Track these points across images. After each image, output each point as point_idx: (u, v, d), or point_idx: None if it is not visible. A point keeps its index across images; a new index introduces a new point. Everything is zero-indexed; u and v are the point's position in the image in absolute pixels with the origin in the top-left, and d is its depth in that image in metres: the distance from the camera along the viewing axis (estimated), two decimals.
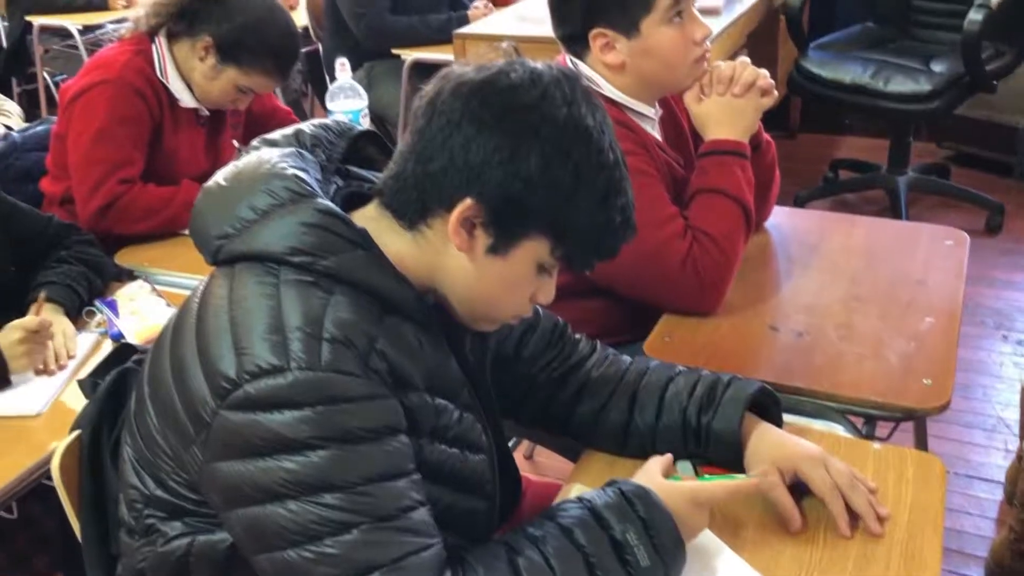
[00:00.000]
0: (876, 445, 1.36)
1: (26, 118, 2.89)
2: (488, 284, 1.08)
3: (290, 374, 0.94)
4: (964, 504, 2.43)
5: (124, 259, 2.08)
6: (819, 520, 1.21)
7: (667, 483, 1.14)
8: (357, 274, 1.01)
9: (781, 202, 2.04)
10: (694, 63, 1.71)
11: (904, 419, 1.56)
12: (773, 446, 1.25)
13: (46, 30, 4.75)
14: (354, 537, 0.94)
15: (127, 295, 1.89)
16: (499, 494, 1.20)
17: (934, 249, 1.91)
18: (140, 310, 1.84)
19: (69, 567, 1.70)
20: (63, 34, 4.67)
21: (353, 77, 2.48)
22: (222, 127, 2.35)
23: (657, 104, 1.80)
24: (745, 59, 1.75)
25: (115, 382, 1.21)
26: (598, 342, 1.41)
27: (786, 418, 1.34)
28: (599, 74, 1.71)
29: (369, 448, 0.96)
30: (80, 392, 1.25)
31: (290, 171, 1.05)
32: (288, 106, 2.69)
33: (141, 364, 1.15)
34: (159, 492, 1.06)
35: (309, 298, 0.98)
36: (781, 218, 2.06)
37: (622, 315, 1.78)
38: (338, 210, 1.03)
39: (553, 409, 1.37)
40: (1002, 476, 2.48)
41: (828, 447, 1.27)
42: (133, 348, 1.29)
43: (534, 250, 1.06)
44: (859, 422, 1.52)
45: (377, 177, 1.14)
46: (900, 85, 3.62)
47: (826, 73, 3.79)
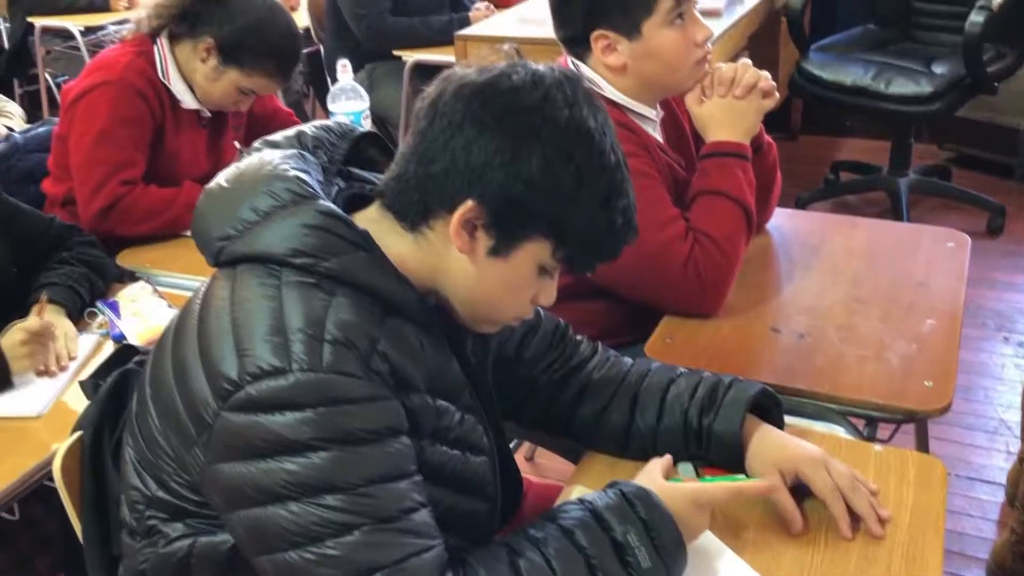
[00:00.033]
0: (877, 447, 1.36)
1: (27, 119, 2.89)
2: (489, 286, 1.08)
3: (292, 375, 0.94)
4: (965, 506, 2.43)
5: (126, 260, 2.08)
6: (820, 522, 1.21)
7: (668, 484, 1.14)
8: (359, 275, 1.01)
9: (782, 204, 2.04)
10: (695, 65, 1.71)
11: (905, 421, 1.55)
12: (774, 448, 1.25)
13: (48, 31, 4.75)
14: (355, 538, 0.94)
15: (129, 296, 1.89)
16: (500, 496, 1.20)
17: (935, 251, 1.91)
18: (142, 311, 1.84)
19: (71, 568, 1.69)
20: (65, 35, 4.67)
21: (354, 78, 2.48)
22: (224, 128, 2.35)
23: (658, 106, 1.80)
24: (747, 61, 1.75)
25: (116, 383, 1.21)
26: (599, 344, 1.41)
27: (787, 420, 1.34)
28: (600, 76, 1.71)
29: (370, 449, 0.96)
30: (81, 393, 1.25)
31: (292, 173, 1.05)
32: (289, 107, 2.69)
33: (143, 365, 1.16)
34: (161, 493, 1.06)
35: (311, 300, 0.98)
36: (782, 220, 2.06)
37: (623, 317, 1.78)
38: (340, 212, 1.04)
39: (554, 411, 1.36)
40: (1003, 478, 2.47)
41: (829, 449, 1.27)
42: (135, 349, 1.29)
43: (535, 252, 1.06)
44: (860, 424, 1.52)
45: (379, 179, 1.14)
46: (901, 87, 3.62)
47: (827, 75, 3.79)
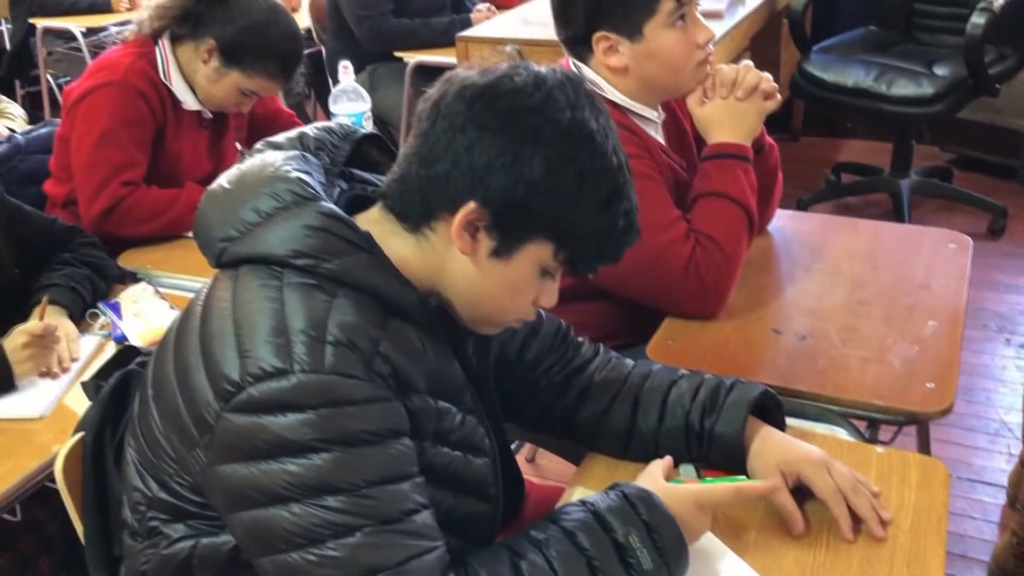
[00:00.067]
0: (879, 449, 1.36)
1: (29, 120, 2.89)
2: (491, 287, 1.08)
3: (293, 377, 0.94)
4: (967, 508, 2.43)
5: (127, 261, 2.08)
6: (822, 524, 1.21)
7: (669, 486, 1.14)
8: (360, 277, 1.01)
9: (783, 205, 2.04)
10: (697, 66, 1.71)
11: (907, 423, 1.55)
12: (776, 449, 1.25)
13: (49, 32, 4.75)
14: (357, 540, 0.94)
15: (130, 297, 1.89)
16: (502, 497, 1.19)
17: (937, 253, 1.91)
18: (143, 312, 1.84)
19: (72, 569, 1.69)
20: (66, 36, 4.68)
21: (356, 80, 2.48)
22: (225, 130, 2.35)
23: (660, 107, 1.80)
24: (748, 63, 1.75)
25: (118, 385, 1.21)
26: (601, 345, 1.41)
27: (789, 422, 1.34)
28: (602, 77, 1.71)
29: (372, 451, 0.96)
30: (83, 394, 1.25)
31: (294, 174, 1.05)
32: (291, 109, 2.69)
33: (144, 367, 1.16)
34: (162, 494, 1.06)
35: (312, 301, 0.99)
36: (784, 221, 2.06)
37: (625, 318, 1.78)
38: (341, 213, 1.04)
39: (556, 412, 1.36)
40: (1005, 480, 2.47)
41: (831, 450, 1.27)
42: (136, 350, 1.29)
43: (537, 254, 1.06)
44: (862, 426, 1.52)
45: (380, 180, 1.14)
46: (903, 88, 3.62)
47: (828, 76, 3.78)
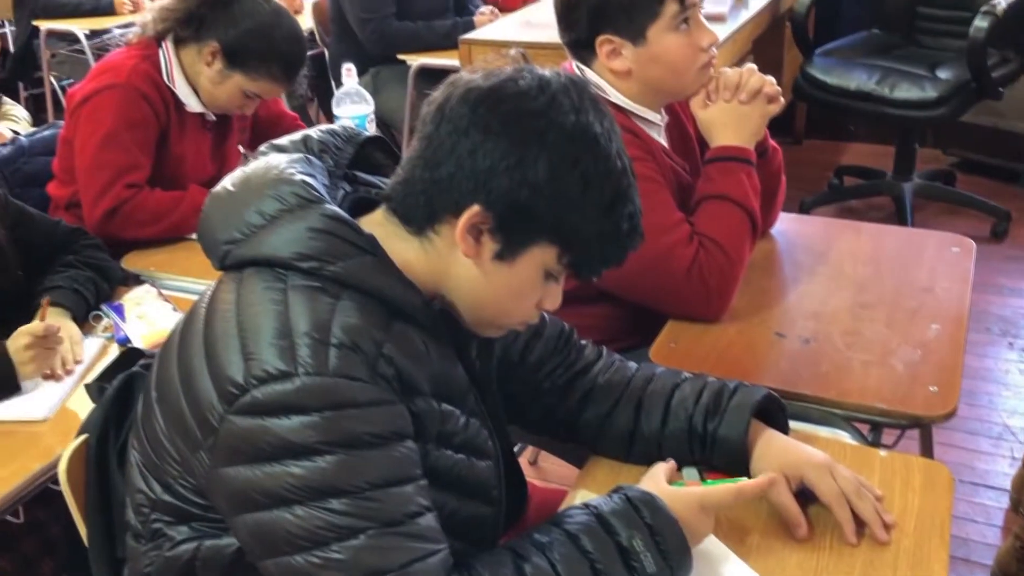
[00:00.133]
0: (882, 452, 1.36)
1: (33, 123, 2.90)
2: (495, 290, 1.08)
3: (297, 379, 0.95)
4: (970, 512, 2.43)
5: (131, 263, 2.08)
6: (825, 527, 1.21)
7: (672, 489, 1.14)
8: (364, 279, 1.01)
9: (786, 208, 2.04)
10: (700, 69, 1.71)
11: (910, 426, 1.55)
12: (779, 453, 1.25)
13: (53, 34, 4.76)
14: (361, 542, 0.94)
15: (134, 299, 1.89)
16: (505, 500, 1.20)
17: (940, 256, 1.91)
18: (147, 314, 1.84)
19: (75, 571, 1.69)
20: (70, 39, 4.68)
21: (359, 82, 2.48)
22: (228, 132, 2.36)
23: (663, 111, 1.80)
24: (752, 66, 1.75)
25: (122, 387, 1.21)
26: (604, 348, 1.41)
27: (792, 425, 1.34)
28: (605, 80, 1.71)
29: (376, 453, 0.96)
30: (87, 397, 1.25)
31: (298, 177, 1.06)
32: (294, 111, 2.69)
33: (148, 369, 1.16)
34: (166, 496, 1.06)
35: (316, 303, 0.99)
36: (787, 224, 2.06)
37: (628, 321, 1.78)
38: (346, 216, 1.04)
39: (559, 415, 1.36)
40: (1008, 484, 2.47)
41: (834, 454, 1.27)
42: (140, 352, 1.29)
43: (541, 257, 1.06)
44: (865, 429, 1.52)
45: (384, 183, 1.15)
46: (906, 92, 3.62)
47: (831, 80, 3.79)
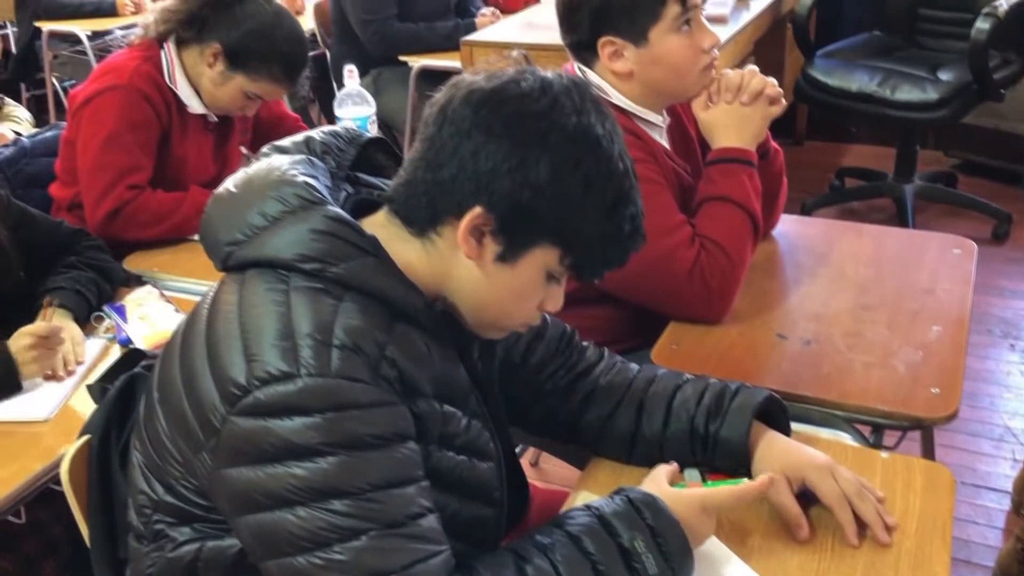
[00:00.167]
0: (884, 454, 1.36)
1: (35, 124, 2.90)
2: (497, 292, 1.08)
3: (300, 380, 0.95)
4: (971, 514, 2.42)
5: (133, 264, 2.08)
6: (827, 529, 1.21)
7: (674, 491, 1.14)
8: (367, 281, 1.02)
9: (788, 210, 2.04)
10: (702, 71, 1.71)
11: (912, 428, 1.55)
12: (781, 454, 1.25)
13: (55, 36, 4.77)
14: (363, 544, 0.94)
15: (136, 300, 1.90)
16: (506, 502, 1.20)
17: (941, 258, 1.91)
18: (149, 315, 1.84)
19: (77, 572, 1.70)
20: (72, 40, 4.69)
21: (360, 84, 2.48)
22: (230, 133, 2.36)
23: (665, 112, 1.80)
24: (753, 67, 1.75)
25: (124, 388, 1.21)
26: (606, 350, 1.41)
27: (794, 426, 1.34)
28: (607, 82, 1.72)
29: (378, 455, 0.97)
30: (88, 397, 1.25)
31: (300, 178, 1.06)
32: (296, 113, 2.70)
33: (150, 370, 1.16)
34: (168, 498, 1.06)
35: (319, 305, 0.99)
36: (788, 226, 2.06)
37: (629, 323, 1.78)
38: (348, 217, 1.04)
39: (560, 416, 1.37)
40: (1009, 486, 2.47)
41: (836, 456, 1.27)
42: (142, 353, 1.29)
43: (543, 258, 1.06)
44: (866, 431, 1.52)
45: (386, 184, 1.15)
46: (907, 93, 3.62)
47: (833, 81, 3.79)
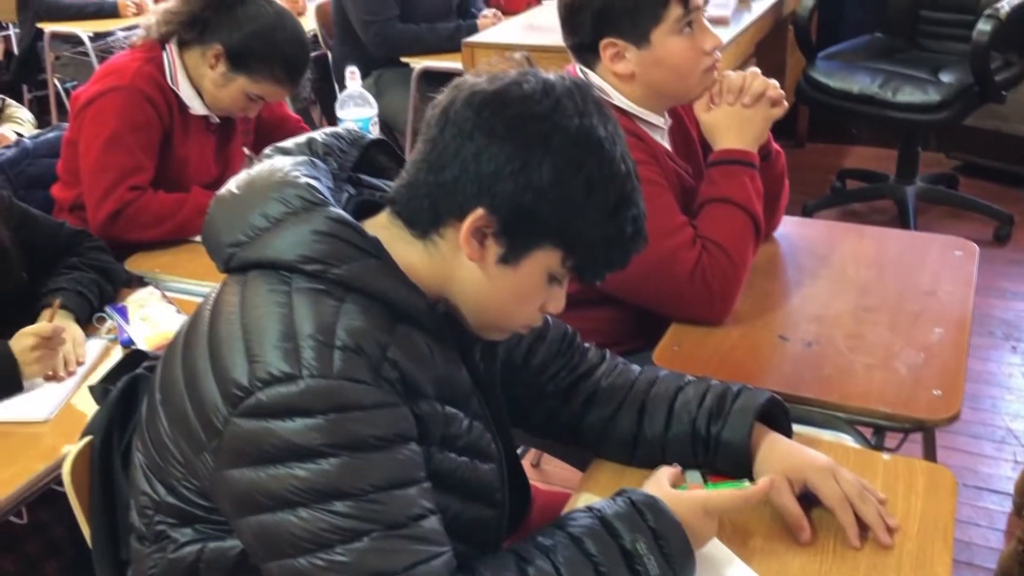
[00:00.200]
0: (885, 456, 1.36)
1: (37, 125, 2.90)
2: (499, 294, 1.08)
3: (302, 382, 0.95)
4: (972, 515, 2.42)
5: (135, 265, 2.09)
6: (828, 530, 1.21)
7: (676, 492, 1.14)
8: (369, 282, 1.02)
9: (789, 211, 2.04)
10: (704, 73, 1.71)
11: (913, 430, 1.55)
12: (783, 456, 1.25)
13: (57, 37, 4.77)
14: (365, 545, 0.94)
15: (137, 301, 1.90)
16: (508, 503, 1.20)
17: (943, 259, 1.91)
18: (150, 316, 1.84)
19: (79, 573, 1.70)
20: (74, 41, 4.69)
21: (362, 85, 2.49)
22: (232, 135, 2.36)
23: (667, 114, 1.81)
24: (755, 69, 1.75)
25: (126, 389, 1.21)
26: (607, 351, 1.41)
27: (795, 428, 1.34)
28: (609, 84, 1.72)
29: (380, 456, 0.97)
30: (90, 398, 1.25)
31: (302, 179, 1.06)
32: (298, 114, 2.70)
33: (152, 371, 1.16)
34: (170, 498, 1.06)
35: (321, 306, 0.99)
36: (790, 228, 2.06)
37: (631, 324, 1.78)
38: (350, 219, 1.04)
39: (562, 418, 1.37)
40: (1011, 488, 2.47)
41: (837, 457, 1.27)
42: (144, 354, 1.29)
43: (545, 260, 1.06)
44: (868, 433, 1.52)
45: (388, 186, 1.15)
46: (908, 95, 3.62)
47: (834, 83, 3.78)
